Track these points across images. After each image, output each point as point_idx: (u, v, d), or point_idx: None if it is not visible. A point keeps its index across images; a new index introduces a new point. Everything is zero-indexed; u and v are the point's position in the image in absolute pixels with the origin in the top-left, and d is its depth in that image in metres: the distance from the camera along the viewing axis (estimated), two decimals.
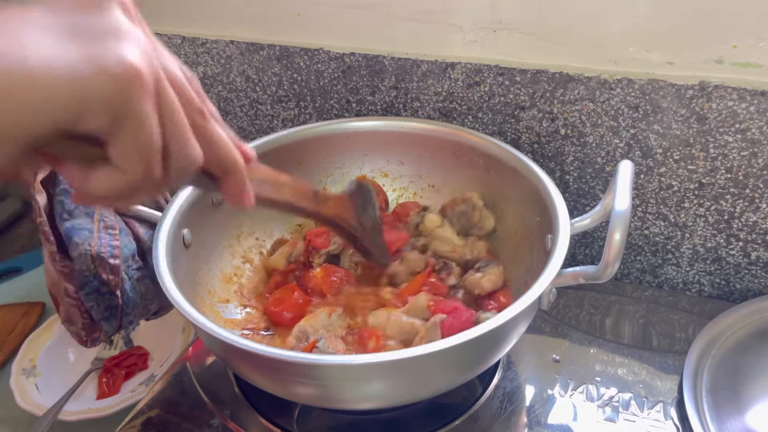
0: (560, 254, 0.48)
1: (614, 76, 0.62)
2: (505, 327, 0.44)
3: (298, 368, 0.44)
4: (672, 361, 0.61)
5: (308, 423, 0.57)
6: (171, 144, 0.30)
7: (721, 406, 0.55)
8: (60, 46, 0.26)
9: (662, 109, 0.61)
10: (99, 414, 0.68)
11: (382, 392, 0.48)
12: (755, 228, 0.64)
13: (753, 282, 0.68)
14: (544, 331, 0.65)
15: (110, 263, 0.54)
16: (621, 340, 0.64)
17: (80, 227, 0.54)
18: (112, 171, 0.29)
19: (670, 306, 0.68)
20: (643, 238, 0.70)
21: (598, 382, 0.59)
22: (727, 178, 0.62)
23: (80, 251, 0.53)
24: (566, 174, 0.69)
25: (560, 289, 0.49)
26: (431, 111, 0.73)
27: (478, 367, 0.51)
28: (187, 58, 0.81)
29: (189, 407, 0.59)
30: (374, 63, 0.71)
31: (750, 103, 0.58)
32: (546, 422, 0.56)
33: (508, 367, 0.61)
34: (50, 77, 0.25)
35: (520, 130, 0.69)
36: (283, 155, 0.66)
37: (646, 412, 0.56)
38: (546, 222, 0.54)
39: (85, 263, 0.53)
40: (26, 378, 0.73)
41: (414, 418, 0.57)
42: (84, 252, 0.53)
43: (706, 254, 0.68)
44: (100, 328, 0.57)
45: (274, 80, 0.78)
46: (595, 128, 0.65)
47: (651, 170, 0.65)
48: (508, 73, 0.66)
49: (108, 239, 0.54)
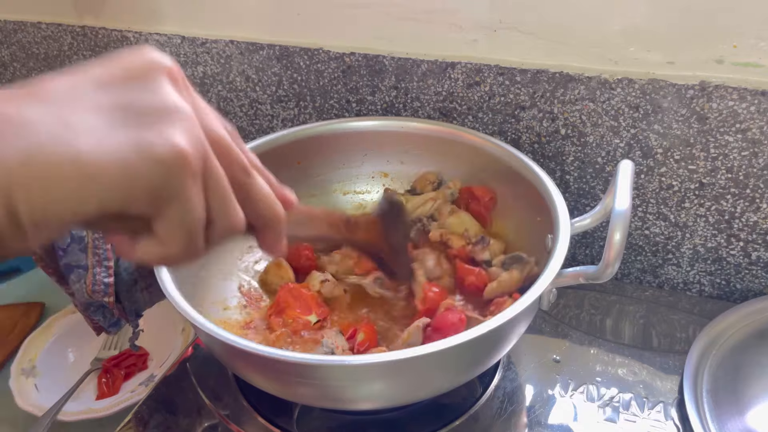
0: (560, 254, 0.48)
1: (615, 76, 0.62)
2: (505, 327, 0.44)
3: (298, 368, 0.44)
4: (672, 361, 0.61)
5: (308, 423, 0.57)
6: (214, 215, 0.30)
7: (721, 406, 0.55)
8: (109, 129, 0.26)
9: (663, 109, 0.61)
10: (98, 414, 0.67)
11: (382, 392, 0.48)
12: (756, 228, 0.64)
13: (753, 282, 0.68)
14: (544, 332, 0.65)
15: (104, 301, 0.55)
16: (621, 340, 0.64)
17: (76, 264, 0.55)
18: (157, 243, 0.29)
19: (670, 306, 0.68)
20: (643, 238, 0.70)
21: (598, 382, 0.59)
22: (728, 178, 0.62)
23: (77, 287, 0.55)
24: (566, 174, 0.69)
25: (560, 289, 0.49)
26: (431, 111, 0.72)
27: (479, 368, 0.51)
28: (187, 58, 0.81)
29: (188, 407, 0.59)
30: (374, 63, 0.71)
31: (750, 103, 0.58)
32: (546, 422, 0.56)
33: (509, 367, 0.61)
34: (99, 163, 0.25)
35: (521, 130, 0.69)
36: (282, 155, 0.66)
37: (646, 412, 0.56)
38: (546, 222, 0.54)
39: (84, 296, 0.55)
40: (26, 378, 0.73)
41: (414, 418, 0.57)
42: (80, 288, 0.55)
43: (707, 254, 0.68)
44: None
45: (273, 80, 0.78)
46: (595, 128, 0.65)
47: (651, 170, 0.65)
48: (509, 73, 0.66)
49: (103, 275, 0.55)
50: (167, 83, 0.28)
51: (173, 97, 0.28)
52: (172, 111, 0.28)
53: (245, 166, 0.32)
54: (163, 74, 0.28)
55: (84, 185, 0.25)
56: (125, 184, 0.26)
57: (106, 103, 0.26)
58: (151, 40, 0.81)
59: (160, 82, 0.28)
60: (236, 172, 0.31)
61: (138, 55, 0.29)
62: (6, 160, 0.24)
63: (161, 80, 0.28)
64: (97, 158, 0.25)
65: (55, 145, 0.24)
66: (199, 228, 0.29)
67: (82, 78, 0.27)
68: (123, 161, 0.25)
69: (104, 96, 0.27)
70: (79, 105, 0.26)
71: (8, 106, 0.25)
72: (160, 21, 0.80)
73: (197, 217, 0.29)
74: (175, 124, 0.27)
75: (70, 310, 0.80)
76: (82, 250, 0.55)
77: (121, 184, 0.26)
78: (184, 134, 0.27)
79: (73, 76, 0.27)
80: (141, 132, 0.26)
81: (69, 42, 0.86)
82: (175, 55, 0.81)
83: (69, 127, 0.25)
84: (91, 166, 0.25)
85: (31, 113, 0.25)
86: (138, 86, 0.28)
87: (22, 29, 0.88)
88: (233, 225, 0.31)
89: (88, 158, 0.25)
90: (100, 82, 0.27)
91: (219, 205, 0.30)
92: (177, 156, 0.27)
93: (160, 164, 0.26)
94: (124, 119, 0.26)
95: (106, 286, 0.55)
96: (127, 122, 0.26)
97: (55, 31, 0.86)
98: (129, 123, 0.26)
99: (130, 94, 0.27)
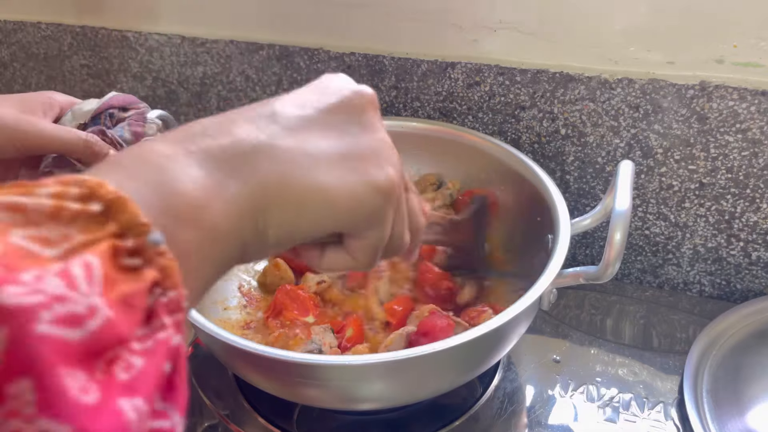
0: (560, 254, 0.48)
1: (615, 76, 0.62)
2: (505, 327, 0.44)
3: (298, 368, 0.44)
4: (672, 361, 0.61)
5: (308, 423, 0.57)
6: (394, 234, 0.33)
7: (721, 406, 0.55)
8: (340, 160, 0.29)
9: (663, 108, 0.61)
10: None
11: (382, 393, 0.48)
12: (756, 228, 0.64)
13: (754, 282, 0.68)
14: (544, 332, 0.65)
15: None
16: (621, 340, 0.64)
17: None
18: (344, 256, 0.32)
19: (670, 306, 0.68)
20: (643, 239, 0.70)
21: (598, 382, 0.59)
22: (728, 178, 0.62)
23: None
24: (567, 174, 0.69)
25: (560, 289, 0.49)
26: (431, 111, 0.72)
27: (479, 368, 0.51)
28: (187, 57, 0.80)
29: (188, 407, 0.59)
30: (374, 63, 0.71)
31: (751, 103, 0.58)
32: (546, 423, 0.56)
33: (509, 367, 0.61)
34: (336, 191, 0.28)
35: (521, 130, 0.69)
36: None
37: (646, 412, 0.56)
38: (546, 222, 0.54)
39: None
40: None
41: (414, 418, 0.57)
42: None
43: (707, 254, 0.68)
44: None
45: (273, 80, 0.78)
46: (595, 128, 0.65)
47: (651, 170, 0.65)
48: (509, 73, 0.66)
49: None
50: (376, 117, 0.32)
51: (383, 134, 0.32)
52: (386, 147, 0.31)
53: (407, 182, 0.35)
54: (372, 106, 0.32)
55: (325, 210, 0.28)
56: (353, 211, 0.29)
57: (333, 134, 0.29)
58: (151, 40, 0.81)
59: (372, 115, 0.32)
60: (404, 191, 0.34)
61: (345, 84, 0.32)
62: (266, 181, 0.26)
63: (372, 113, 0.32)
64: (334, 187, 0.28)
65: (303, 171, 0.27)
66: (383, 247, 0.32)
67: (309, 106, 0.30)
68: (353, 191, 0.29)
69: (330, 125, 0.30)
70: (312, 134, 0.29)
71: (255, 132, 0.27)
72: (160, 21, 0.80)
73: (385, 239, 0.32)
74: (387, 160, 0.31)
75: None
76: None
77: (350, 210, 0.29)
78: (393, 167, 0.31)
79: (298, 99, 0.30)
80: (363, 164, 0.29)
81: (69, 42, 0.86)
82: (175, 55, 0.81)
83: (310, 156, 0.28)
84: (331, 193, 0.28)
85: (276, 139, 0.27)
86: (354, 117, 0.31)
87: (21, 29, 0.88)
88: (404, 245, 0.34)
89: (329, 186, 0.28)
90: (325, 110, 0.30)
91: (400, 227, 0.33)
92: (390, 185, 0.30)
93: (380, 194, 0.30)
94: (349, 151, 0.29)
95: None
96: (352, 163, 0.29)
97: (55, 31, 0.86)
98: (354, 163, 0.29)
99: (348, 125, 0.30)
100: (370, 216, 0.30)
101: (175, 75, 0.83)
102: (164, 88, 0.85)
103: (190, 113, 0.86)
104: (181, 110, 0.86)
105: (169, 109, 0.86)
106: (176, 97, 0.85)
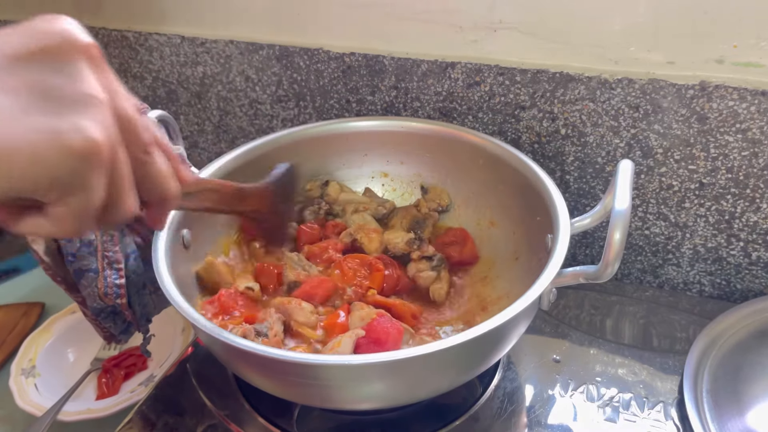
0: (560, 254, 0.48)
1: (615, 76, 0.62)
2: (504, 327, 0.44)
3: (298, 368, 0.44)
4: (672, 361, 0.61)
5: (308, 423, 0.57)
6: (110, 202, 0.30)
7: (721, 406, 0.55)
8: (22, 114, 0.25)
9: (663, 108, 0.61)
10: (98, 414, 0.67)
11: (382, 392, 0.48)
12: (756, 228, 0.64)
13: (754, 282, 0.68)
14: (544, 332, 0.65)
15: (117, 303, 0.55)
16: (621, 340, 0.64)
17: (86, 269, 0.54)
18: (47, 221, 0.29)
19: (670, 306, 0.68)
20: (643, 238, 0.70)
21: (598, 382, 0.59)
22: (728, 178, 0.62)
23: (88, 292, 0.54)
24: (566, 174, 0.69)
25: (560, 289, 0.49)
26: (431, 111, 0.72)
27: (478, 368, 0.51)
28: (186, 57, 0.81)
29: (188, 408, 0.59)
30: (374, 63, 0.71)
31: (751, 103, 0.58)
32: (546, 422, 0.56)
33: (509, 367, 0.61)
34: (8, 149, 0.25)
35: (521, 129, 0.69)
36: (282, 155, 0.66)
37: (646, 412, 0.56)
38: (546, 222, 0.54)
39: (95, 300, 0.55)
40: (25, 378, 0.73)
41: (414, 418, 0.57)
42: (92, 293, 0.55)
43: (707, 254, 0.68)
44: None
45: (273, 80, 0.78)
46: (595, 128, 0.65)
47: (651, 170, 0.65)
48: (509, 73, 0.66)
49: (114, 278, 0.55)
50: (85, 66, 0.28)
51: (90, 84, 0.28)
52: (87, 99, 0.27)
53: (147, 145, 0.32)
54: (82, 55, 0.28)
55: None
56: (33, 173, 0.25)
57: (21, 84, 0.26)
58: (150, 40, 0.81)
59: (79, 64, 0.28)
60: (137, 152, 0.31)
61: (55, 27, 0.28)
62: None
63: (79, 62, 0.28)
64: (7, 144, 0.25)
65: None
66: (93, 215, 0.29)
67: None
68: (33, 150, 0.25)
69: (19, 74, 0.26)
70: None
71: None
72: (160, 21, 0.80)
73: (94, 205, 0.29)
74: (89, 114, 0.27)
75: (70, 310, 0.80)
76: (92, 254, 0.54)
77: (28, 172, 0.25)
78: (97, 125, 0.27)
79: None
80: (54, 120, 0.26)
81: None
82: (175, 55, 0.81)
83: None
84: (4, 150, 0.24)
85: None
86: (55, 66, 0.27)
87: None
88: (125, 213, 0.32)
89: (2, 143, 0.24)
90: (15, 56, 0.27)
91: (117, 194, 0.30)
92: (88, 149, 0.27)
93: (70, 156, 0.26)
94: (38, 104, 0.26)
95: (118, 288, 0.55)
96: (40, 108, 0.26)
97: None
98: (43, 109, 0.26)
99: (46, 75, 0.27)
100: (61, 181, 0.27)
101: (175, 75, 0.83)
102: (164, 88, 0.85)
103: (190, 113, 0.86)
104: (181, 110, 0.86)
105: (169, 109, 0.86)
106: (176, 97, 0.85)
